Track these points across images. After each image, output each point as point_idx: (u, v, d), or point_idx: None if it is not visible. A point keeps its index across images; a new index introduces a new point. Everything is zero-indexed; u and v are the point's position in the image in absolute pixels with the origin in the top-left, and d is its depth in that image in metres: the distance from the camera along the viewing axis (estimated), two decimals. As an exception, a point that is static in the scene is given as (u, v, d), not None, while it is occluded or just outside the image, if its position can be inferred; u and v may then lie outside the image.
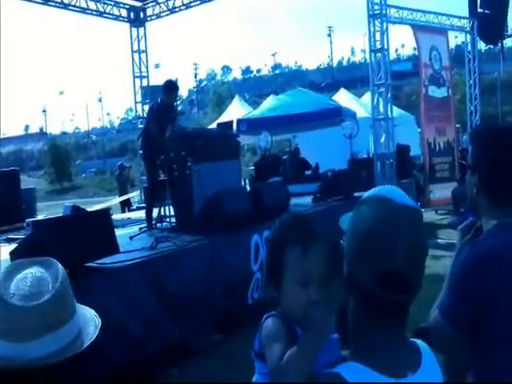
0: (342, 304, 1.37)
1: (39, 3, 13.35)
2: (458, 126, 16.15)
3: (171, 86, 8.12)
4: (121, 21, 15.71)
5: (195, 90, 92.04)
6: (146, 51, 15.81)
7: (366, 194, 1.39)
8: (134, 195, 17.27)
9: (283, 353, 1.27)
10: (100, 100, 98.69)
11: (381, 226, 1.28)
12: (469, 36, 15.97)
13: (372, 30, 12.06)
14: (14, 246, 5.30)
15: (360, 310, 1.33)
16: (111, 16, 15.31)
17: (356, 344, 1.34)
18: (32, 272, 1.42)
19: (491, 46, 25.10)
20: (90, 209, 9.05)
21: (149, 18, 15.80)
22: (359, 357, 1.28)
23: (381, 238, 1.27)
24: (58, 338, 1.35)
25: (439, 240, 10.42)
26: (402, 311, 1.32)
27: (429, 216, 13.13)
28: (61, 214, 7.98)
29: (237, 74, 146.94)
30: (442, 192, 13.48)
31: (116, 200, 17.81)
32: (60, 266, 1.45)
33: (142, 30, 15.80)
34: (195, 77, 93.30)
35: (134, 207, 15.09)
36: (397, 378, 1.25)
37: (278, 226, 1.47)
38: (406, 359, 1.31)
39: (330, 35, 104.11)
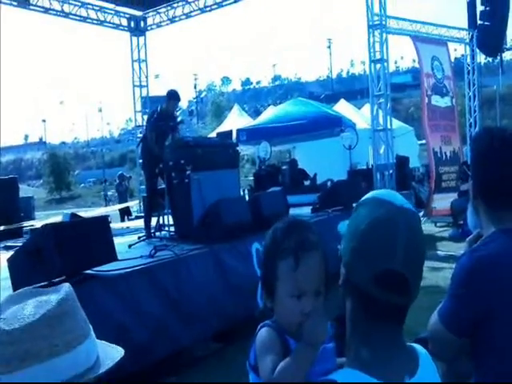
0: (340, 312, 1.35)
1: (40, 11, 13.43)
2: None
3: (175, 95, 8.30)
4: (121, 30, 15.80)
5: (195, 100, 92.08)
6: (145, 60, 15.88)
7: (363, 197, 1.39)
8: (133, 204, 17.26)
9: (276, 364, 1.25)
10: (100, 110, 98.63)
11: (380, 226, 1.26)
12: (468, 48, 16.02)
13: (372, 40, 12.12)
14: (11, 253, 5.27)
15: (357, 314, 1.31)
16: (112, 25, 15.42)
17: (353, 349, 1.31)
18: (42, 299, 1.22)
19: (490, 60, 25.22)
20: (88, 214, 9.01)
21: (149, 28, 15.90)
22: (356, 363, 1.26)
23: (379, 237, 1.25)
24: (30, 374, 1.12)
25: (438, 252, 10.39)
26: (400, 314, 1.30)
27: (428, 228, 13.10)
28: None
29: (236, 85, 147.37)
30: (444, 203, 13.43)
31: (115, 207, 17.77)
32: (64, 292, 1.23)
33: (142, 39, 15.89)
34: (195, 87, 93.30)
35: (133, 216, 15.07)
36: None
37: (270, 236, 1.42)
38: (404, 363, 1.29)
39: (329, 47, 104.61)
